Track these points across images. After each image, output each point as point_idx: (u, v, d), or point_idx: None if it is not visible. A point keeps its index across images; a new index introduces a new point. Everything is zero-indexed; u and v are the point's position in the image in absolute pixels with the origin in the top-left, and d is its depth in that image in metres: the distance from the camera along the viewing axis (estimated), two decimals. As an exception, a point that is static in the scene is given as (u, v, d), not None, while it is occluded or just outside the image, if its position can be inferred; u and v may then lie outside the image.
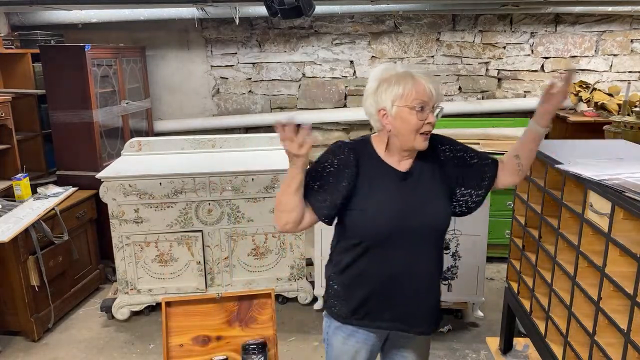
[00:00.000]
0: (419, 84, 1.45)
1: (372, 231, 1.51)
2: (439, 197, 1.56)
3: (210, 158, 3.33)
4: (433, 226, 1.54)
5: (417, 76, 1.46)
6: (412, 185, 1.53)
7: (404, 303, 1.57)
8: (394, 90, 1.46)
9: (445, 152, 1.59)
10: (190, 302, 1.58)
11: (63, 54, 3.55)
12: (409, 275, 1.54)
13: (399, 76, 1.47)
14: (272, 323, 1.59)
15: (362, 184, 1.52)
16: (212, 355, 1.58)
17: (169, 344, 1.55)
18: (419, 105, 1.44)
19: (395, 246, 1.51)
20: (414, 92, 1.45)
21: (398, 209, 1.50)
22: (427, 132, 1.48)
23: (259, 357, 1.55)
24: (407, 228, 1.50)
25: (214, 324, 1.58)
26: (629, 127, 3.14)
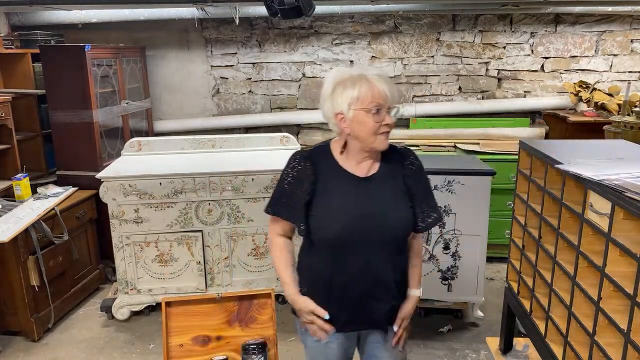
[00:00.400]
0: (374, 86, 1.46)
1: (329, 236, 1.53)
2: (400, 203, 1.56)
3: (210, 158, 3.33)
4: (391, 232, 1.54)
5: (372, 79, 1.47)
6: (372, 191, 1.54)
7: (360, 306, 1.58)
8: (349, 93, 1.47)
9: (409, 167, 1.60)
10: (190, 302, 1.58)
11: (63, 54, 3.55)
12: (365, 280, 1.55)
13: (353, 79, 1.48)
14: (272, 323, 1.59)
15: (321, 190, 1.55)
16: (212, 355, 1.57)
17: (169, 344, 1.55)
18: (375, 107, 1.46)
19: (352, 251, 1.52)
20: (370, 95, 1.46)
21: (355, 214, 1.51)
22: (386, 133, 1.50)
23: (259, 357, 1.55)
24: (364, 233, 1.51)
25: (214, 324, 1.58)
26: (629, 127, 3.14)
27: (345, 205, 1.52)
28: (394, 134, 4.33)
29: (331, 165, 1.57)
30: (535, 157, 2.28)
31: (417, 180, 1.60)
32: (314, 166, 1.56)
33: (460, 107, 4.48)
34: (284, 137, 3.51)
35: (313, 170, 1.55)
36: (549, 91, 4.52)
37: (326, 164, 1.57)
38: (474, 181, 2.80)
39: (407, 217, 1.56)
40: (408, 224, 1.57)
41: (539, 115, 4.54)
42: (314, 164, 1.56)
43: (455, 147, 4.06)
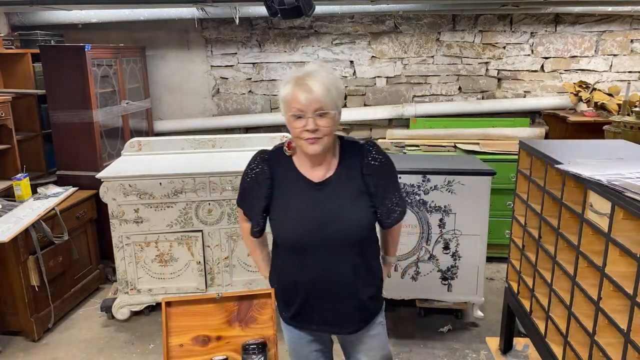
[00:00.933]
0: (295, 91, 1.44)
1: (288, 240, 1.57)
2: (356, 205, 1.54)
3: (210, 158, 3.33)
4: (348, 235, 1.52)
5: (298, 82, 1.44)
6: (327, 194, 1.53)
7: (328, 308, 1.59)
8: (281, 95, 1.49)
9: (370, 163, 1.57)
10: (191, 302, 1.57)
11: (63, 54, 3.55)
12: (327, 281, 1.55)
13: (286, 81, 1.48)
14: (272, 323, 1.59)
15: (278, 194, 1.57)
16: (212, 355, 1.57)
17: (169, 344, 1.55)
18: (296, 112, 1.45)
19: (312, 254, 1.54)
20: (291, 99, 1.45)
21: (311, 219, 1.51)
22: (310, 139, 1.46)
23: (259, 357, 1.55)
24: (321, 237, 1.51)
25: (214, 324, 1.58)
26: (629, 127, 3.14)
27: (301, 211, 1.52)
28: (394, 134, 4.34)
29: (288, 169, 1.57)
30: (535, 157, 2.28)
31: (378, 175, 1.57)
32: (271, 170, 1.57)
33: (460, 107, 4.48)
34: (284, 137, 3.51)
35: (270, 175, 1.57)
36: (549, 91, 4.52)
37: (284, 167, 1.58)
38: (474, 181, 2.80)
39: (363, 218, 1.54)
40: (365, 224, 1.55)
41: (539, 115, 4.54)
42: (271, 168, 1.58)
43: (455, 147, 4.06)
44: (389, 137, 4.37)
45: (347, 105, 4.65)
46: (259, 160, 1.60)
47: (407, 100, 4.60)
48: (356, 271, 1.57)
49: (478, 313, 3.02)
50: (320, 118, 1.44)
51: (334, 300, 1.58)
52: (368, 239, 1.61)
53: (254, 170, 1.60)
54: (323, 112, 1.44)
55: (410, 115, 4.47)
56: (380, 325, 1.71)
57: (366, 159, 1.56)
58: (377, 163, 1.56)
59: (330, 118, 1.46)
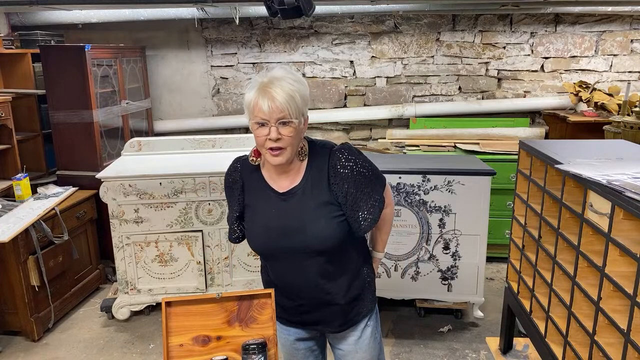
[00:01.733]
0: (257, 99, 1.37)
1: (255, 248, 1.59)
2: (321, 216, 1.47)
3: (210, 158, 3.32)
4: (313, 247, 1.48)
5: (261, 89, 1.37)
6: (292, 205, 1.49)
7: (307, 311, 1.61)
8: (245, 102, 1.43)
9: (337, 170, 1.47)
10: (191, 302, 1.57)
11: (63, 54, 3.55)
12: (301, 287, 1.56)
13: (251, 87, 1.41)
14: (272, 323, 1.59)
15: (248, 202, 1.57)
16: (212, 355, 1.57)
17: (169, 344, 1.54)
18: (258, 120, 1.38)
19: (281, 261, 1.55)
20: (254, 107, 1.39)
21: (275, 229, 1.49)
22: (273, 148, 1.40)
23: (259, 357, 1.54)
24: (285, 248, 1.50)
25: (214, 324, 1.58)
26: (629, 127, 3.15)
27: (266, 221, 1.51)
28: (394, 134, 4.34)
29: (256, 179, 1.55)
30: (535, 157, 2.28)
31: (347, 184, 1.47)
32: (242, 179, 1.57)
33: (460, 107, 4.48)
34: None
35: (241, 184, 1.57)
36: (549, 91, 4.52)
37: (253, 176, 1.56)
38: (474, 181, 2.80)
39: (327, 230, 1.47)
40: (331, 235, 1.48)
41: (539, 115, 4.54)
42: (242, 177, 1.57)
43: (455, 147, 4.06)
44: (388, 137, 4.37)
45: (347, 105, 4.65)
46: (232, 169, 1.61)
47: (407, 100, 4.60)
48: (328, 280, 1.54)
49: (478, 313, 3.02)
50: (283, 127, 1.38)
51: (310, 305, 1.59)
52: (340, 247, 1.53)
53: (228, 179, 1.62)
54: (286, 120, 1.37)
55: (410, 115, 4.47)
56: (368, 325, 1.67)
57: (334, 168, 1.47)
58: (347, 170, 1.47)
59: (293, 127, 1.39)
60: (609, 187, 1.59)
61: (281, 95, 1.36)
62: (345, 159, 1.48)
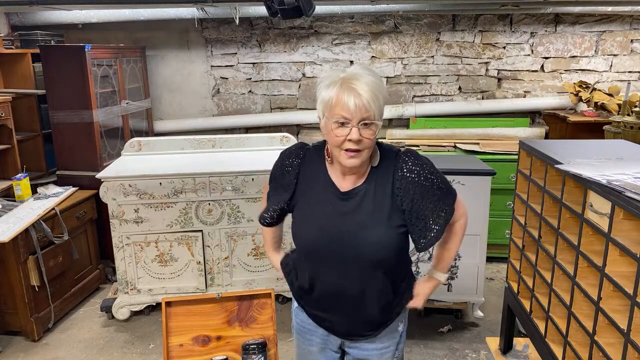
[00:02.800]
0: (342, 94, 1.28)
1: (302, 246, 1.48)
2: (381, 223, 1.38)
3: (210, 158, 3.33)
4: (364, 254, 1.38)
5: (346, 85, 1.29)
6: (351, 207, 1.40)
7: (337, 320, 1.52)
8: (323, 97, 1.33)
9: (404, 175, 1.40)
10: (191, 302, 1.57)
11: (63, 54, 3.55)
12: (341, 296, 1.46)
13: (331, 81, 1.32)
14: (272, 323, 1.59)
15: (301, 194, 1.47)
16: (212, 355, 1.57)
17: (169, 344, 1.55)
18: (340, 119, 1.30)
19: (327, 265, 1.43)
20: (336, 104, 1.30)
21: (328, 231, 1.40)
22: (351, 150, 1.32)
23: (259, 357, 1.55)
24: (336, 251, 1.40)
25: (214, 324, 1.58)
26: (629, 127, 3.15)
27: (320, 218, 1.42)
28: (394, 134, 4.34)
29: (319, 172, 1.45)
30: (535, 157, 2.28)
31: (416, 190, 1.39)
32: (299, 169, 1.48)
33: (460, 107, 4.48)
34: (284, 137, 3.51)
35: (297, 173, 1.47)
36: (549, 91, 4.52)
37: (315, 168, 1.46)
38: (474, 181, 2.80)
39: (385, 239, 1.38)
40: (387, 245, 1.39)
41: (539, 115, 4.54)
42: (301, 166, 1.48)
43: (455, 147, 4.06)
44: (388, 137, 4.37)
45: (347, 105, 4.65)
46: (293, 154, 1.50)
47: (407, 100, 4.60)
48: (370, 292, 1.44)
49: (478, 313, 3.02)
50: (364, 128, 1.29)
51: (343, 315, 1.50)
52: (393, 262, 1.44)
53: (284, 162, 1.51)
54: (369, 122, 1.29)
55: (410, 115, 4.47)
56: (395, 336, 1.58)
57: (400, 171, 1.39)
58: (414, 175, 1.38)
59: (374, 129, 1.31)
60: (609, 187, 1.59)
61: (367, 93, 1.28)
62: (412, 163, 1.40)
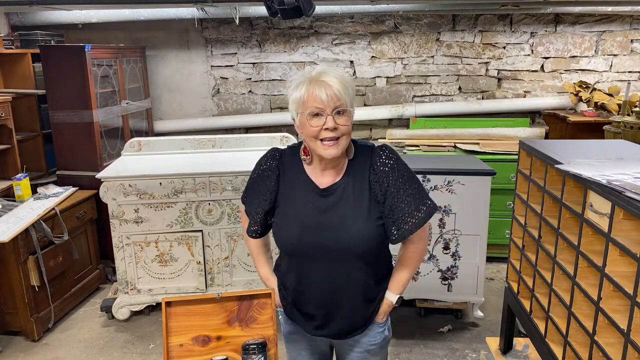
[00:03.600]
0: (311, 88, 1.37)
1: (286, 246, 1.52)
2: (361, 215, 1.43)
3: (210, 158, 3.33)
4: (348, 247, 1.43)
5: (314, 81, 1.38)
6: (331, 202, 1.45)
7: (325, 318, 1.54)
8: (294, 96, 1.41)
9: (380, 168, 1.46)
10: (191, 302, 1.57)
11: (63, 54, 3.55)
12: (327, 292, 1.50)
13: (299, 82, 1.41)
14: (272, 323, 1.59)
15: (282, 195, 1.51)
16: (212, 355, 1.57)
17: (169, 344, 1.55)
18: (314, 110, 1.37)
19: (310, 262, 1.48)
20: (306, 97, 1.38)
21: (310, 226, 1.44)
22: (328, 139, 1.38)
23: (259, 357, 1.54)
24: (319, 247, 1.44)
25: (214, 324, 1.58)
26: (629, 127, 3.15)
27: (301, 216, 1.46)
28: (394, 134, 4.34)
29: (297, 172, 1.50)
30: (535, 157, 2.28)
31: (389, 182, 1.44)
32: (280, 169, 1.52)
33: (460, 107, 4.48)
34: (284, 137, 3.51)
35: (277, 174, 1.51)
36: (549, 91, 4.52)
37: (293, 168, 1.51)
38: (474, 181, 2.80)
39: (365, 230, 1.43)
40: (368, 237, 1.43)
41: (539, 115, 4.55)
42: (280, 167, 1.52)
43: (455, 147, 4.07)
44: (388, 137, 4.37)
45: (347, 105, 4.65)
46: (269, 157, 1.55)
47: (407, 100, 4.60)
48: (356, 286, 1.49)
49: (478, 313, 3.02)
50: (339, 116, 1.37)
51: (331, 312, 1.53)
52: (374, 253, 1.49)
53: (261, 167, 1.55)
54: (342, 109, 1.38)
55: (410, 115, 4.47)
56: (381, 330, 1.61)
57: (375, 164, 1.46)
58: (387, 168, 1.45)
59: (348, 116, 1.39)
60: (609, 187, 1.59)
61: (336, 84, 1.37)
62: (386, 157, 1.47)
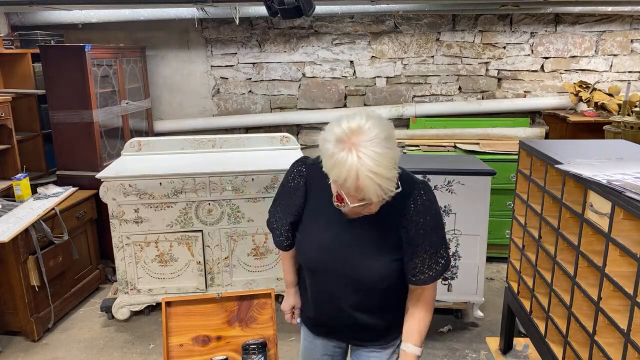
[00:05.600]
0: (341, 173, 1.20)
1: (303, 259, 1.52)
2: (380, 253, 1.38)
3: (210, 158, 3.33)
4: (360, 281, 1.40)
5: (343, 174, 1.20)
6: (356, 232, 1.40)
7: (338, 330, 1.56)
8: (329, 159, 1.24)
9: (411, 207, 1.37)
10: (191, 302, 1.57)
11: (63, 54, 3.55)
12: (334, 311, 1.49)
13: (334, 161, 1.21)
14: (272, 323, 1.59)
15: (308, 209, 1.48)
16: (212, 355, 1.57)
17: (169, 344, 1.55)
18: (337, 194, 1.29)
19: (324, 281, 1.47)
20: (336, 176, 1.23)
21: (330, 253, 1.41)
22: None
23: (259, 357, 1.55)
24: (333, 272, 1.42)
25: (214, 324, 1.58)
26: (629, 127, 3.15)
27: (322, 238, 1.43)
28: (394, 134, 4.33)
29: (324, 188, 1.38)
30: (535, 157, 2.28)
31: (418, 225, 1.36)
32: (306, 187, 1.48)
33: (460, 107, 4.48)
34: (284, 137, 3.51)
35: (305, 190, 1.48)
36: (549, 91, 4.52)
37: (320, 185, 1.41)
38: (474, 181, 2.80)
39: (384, 271, 1.38)
40: (385, 277, 1.39)
41: (539, 115, 4.54)
42: (307, 185, 1.48)
43: (455, 147, 4.06)
44: (389, 137, 4.36)
45: (347, 105, 4.65)
46: (296, 173, 1.51)
47: (407, 100, 4.60)
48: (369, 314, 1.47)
49: (478, 313, 3.02)
50: (364, 206, 1.27)
51: (342, 326, 1.53)
52: (391, 287, 1.44)
53: (289, 184, 1.52)
54: (366, 203, 1.25)
55: (410, 115, 4.47)
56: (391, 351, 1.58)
57: (410, 207, 1.36)
58: (420, 215, 1.36)
59: (377, 205, 1.28)
60: (609, 187, 1.59)
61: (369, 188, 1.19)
62: (422, 202, 1.37)
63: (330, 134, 1.25)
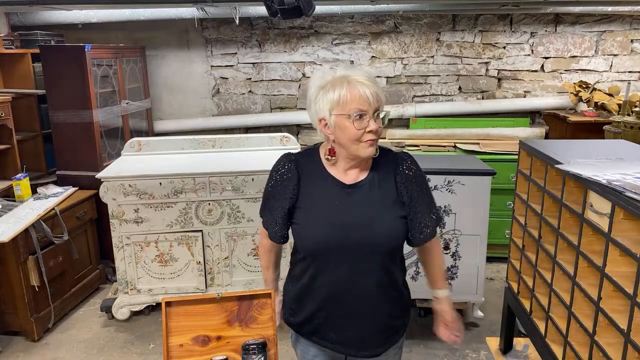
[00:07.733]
0: (355, 89, 1.34)
1: (311, 246, 1.46)
2: (388, 212, 1.44)
3: (210, 158, 3.33)
4: (378, 244, 1.42)
5: (354, 80, 1.35)
6: (358, 199, 1.43)
7: (348, 326, 1.49)
8: (329, 97, 1.37)
9: (405, 172, 1.48)
10: (191, 302, 1.57)
11: (63, 54, 3.55)
12: (352, 295, 1.45)
13: (334, 82, 1.37)
14: (272, 323, 1.59)
15: (304, 196, 1.47)
16: (212, 355, 1.57)
17: (169, 344, 1.54)
18: (356, 113, 1.34)
19: (337, 262, 1.43)
20: (350, 99, 1.34)
21: (338, 224, 1.41)
22: (370, 140, 1.38)
23: (259, 357, 1.54)
24: (346, 244, 1.41)
25: (214, 324, 1.58)
26: (629, 127, 3.15)
27: (327, 213, 1.43)
28: (394, 134, 4.34)
29: (317, 170, 1.48)
30: (535, 157, 2.28)
31: (413, 187, 1.46)
32: (298, 170, 1.48)
33: (460, 107, 4.48)
34: (284, 137, 3.51)
35: (297, 174, 1.48)
36: (549, 91, 4.52)
37: (312, 167, 1.48)
38: (474, 181, 2.80)
39: (395, 228, 1.44)
40: (396, 234, 1.45)
41: (539, 115, 4.54)
42: (298, 168, 1.49)
43: (455, 147, 4.06)
44: (389, 137, 4.37)
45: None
46: (285, 160, 1.52)
47: (407, 100, 4.60)
48: (381, 287, 1.47)
49: (478, 313, 3.02)
50: (377, 118, 1.38)
51: (355, 317, 1.48)
52: (397, 253, 1.51)
53: (279, 172, 1.51)
54: (380, 111, 1.38)
55: (410, 115, 4.47)
56: (398, 349, 1.61)
57: (401, 167, 1.47)
58: (412, 173, 1.47)
59: (382, 118, 1.40)
60: (609, 187, 1.59)
61: (374, 86, 1.37)
62: (411, 162, 1.50)
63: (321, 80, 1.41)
